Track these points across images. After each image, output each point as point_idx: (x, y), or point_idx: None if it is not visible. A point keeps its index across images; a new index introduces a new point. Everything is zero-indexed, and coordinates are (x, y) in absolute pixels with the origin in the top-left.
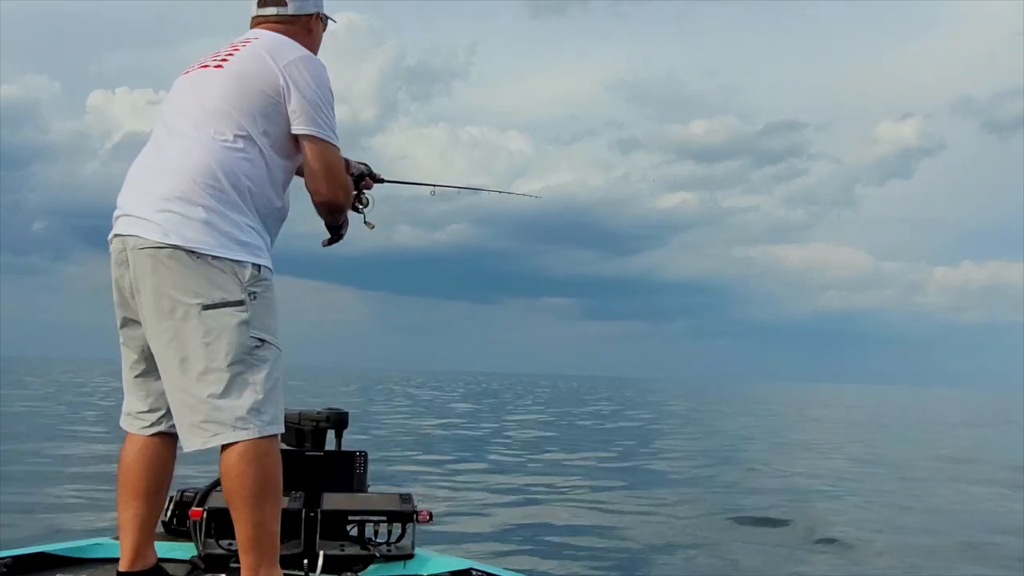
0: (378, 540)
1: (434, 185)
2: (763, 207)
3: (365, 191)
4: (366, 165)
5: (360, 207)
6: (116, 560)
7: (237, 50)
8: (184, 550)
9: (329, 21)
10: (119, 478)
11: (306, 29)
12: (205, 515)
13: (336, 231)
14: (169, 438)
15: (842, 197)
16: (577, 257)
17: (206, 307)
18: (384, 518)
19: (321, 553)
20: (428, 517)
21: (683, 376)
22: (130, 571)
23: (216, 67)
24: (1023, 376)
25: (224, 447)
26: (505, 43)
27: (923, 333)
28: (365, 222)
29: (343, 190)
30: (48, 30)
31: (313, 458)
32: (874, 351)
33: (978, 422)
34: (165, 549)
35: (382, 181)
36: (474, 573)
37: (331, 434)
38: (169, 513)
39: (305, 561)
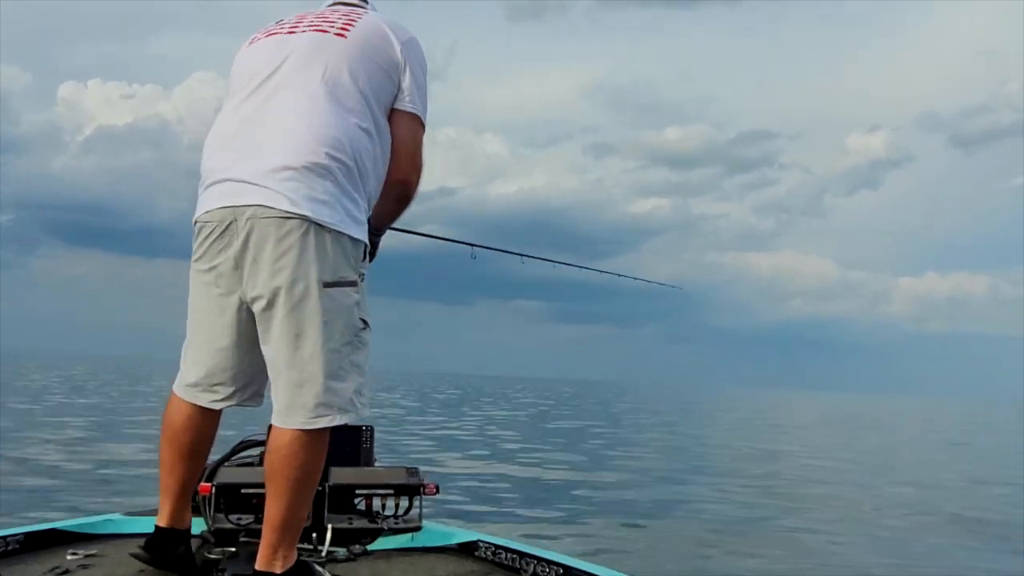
0: (386, 513)
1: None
2: (734, 215)
3: None
4: None
5: None
6: (127, 536)
7: (353, 22)
8: (193, 525)
9: None
10: (168, 441)
11: None
12: (214, 490)
13: (374, 246)
14: (216, 413)
15: (812, 206)
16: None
17: (327, 284)
18: (391, 491)
19: (329, 527)
20: (435, 490)
21: (650, 381)
22: (169, 527)
23: (338, 35)
24: (985, 384)
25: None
26: (484, 46)
27: (887, 341)
28: None
29: (420, 174)
30: (19, 19)
31: None
32: (840, 358)
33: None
34: None
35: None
36: (481, 545)
37: None
38: None
39: (314, 535)
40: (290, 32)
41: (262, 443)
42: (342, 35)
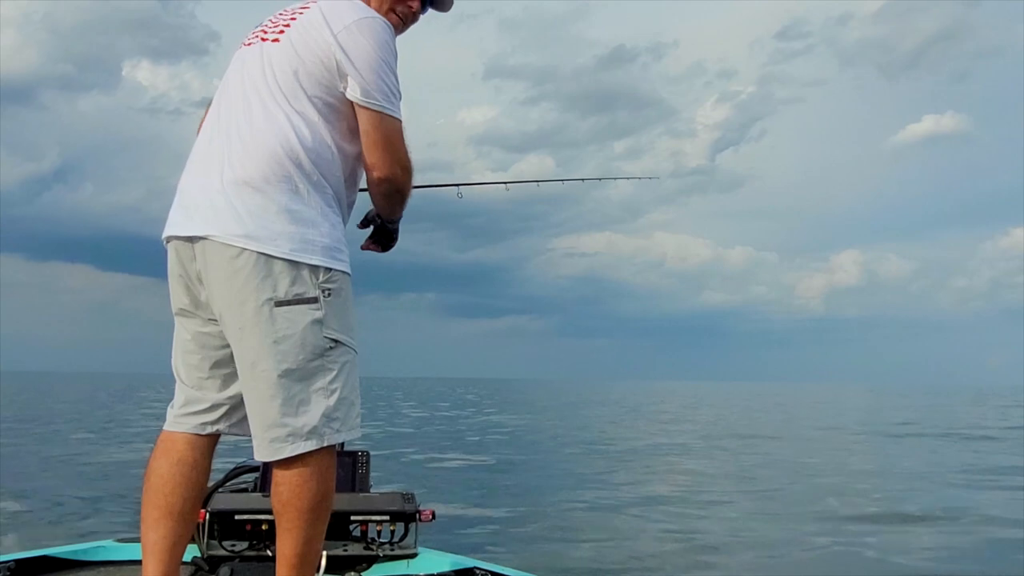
0: (381, 540)
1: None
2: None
3: None
4: None
5: None
6: (118, 563)
7: (295, 19)
8: (186, 551)
9: (431, 9)
10: (148, 495)
11: None
12: (208, 517)
13: (388, 232)
14: (213, 440)
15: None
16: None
17: (279, 303)
18: (387, 518)
19: (324, 553)
20: (431, 516)
21: (553, 377)
22: None
23: (274, 41)
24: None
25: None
26: None
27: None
28: None
29: (402, 168)
30: None
31: None
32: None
33: None
34: None
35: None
36: (478, 572)
37: None
38: None
39: None
40: (248, 44)
41: (256, 469)
42: (278, 40)
